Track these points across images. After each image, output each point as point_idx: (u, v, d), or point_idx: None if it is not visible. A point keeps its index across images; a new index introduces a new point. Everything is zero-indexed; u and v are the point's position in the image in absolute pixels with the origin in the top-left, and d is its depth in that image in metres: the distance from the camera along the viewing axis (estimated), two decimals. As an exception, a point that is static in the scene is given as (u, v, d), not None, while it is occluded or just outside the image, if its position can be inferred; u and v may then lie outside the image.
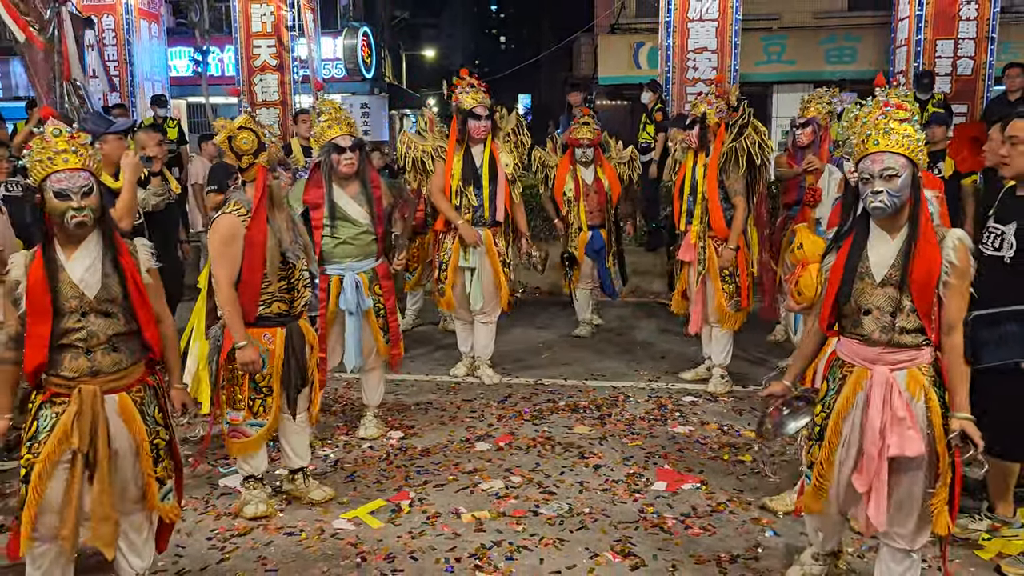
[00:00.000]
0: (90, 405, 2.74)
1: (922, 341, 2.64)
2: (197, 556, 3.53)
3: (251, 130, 3.64)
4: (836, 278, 2.73)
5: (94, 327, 2.76)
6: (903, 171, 2.58)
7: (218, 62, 17.41)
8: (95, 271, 2.78)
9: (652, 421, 5.04)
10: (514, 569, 3.37)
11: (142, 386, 2.90)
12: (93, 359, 2.76)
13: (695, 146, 5.37)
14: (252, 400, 3.71)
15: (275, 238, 3.63)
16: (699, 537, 3.62)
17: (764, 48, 15.60)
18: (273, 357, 3.70)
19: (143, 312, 2.85)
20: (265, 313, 3.68)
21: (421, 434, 4.88)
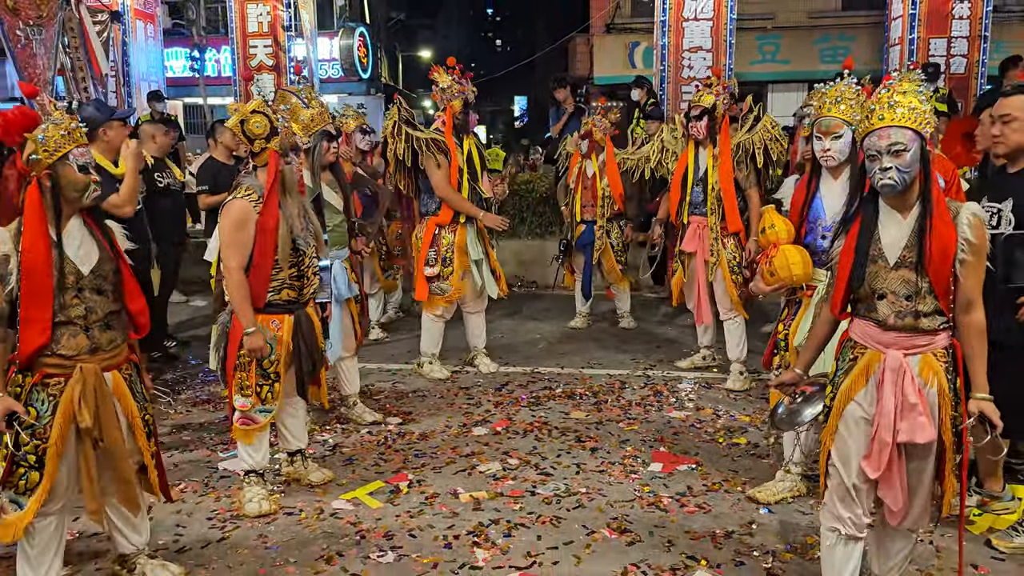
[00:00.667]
0: (93, 382, 2.78)
1: (939, 325, 2.54)
2: (198, 535, 3.56)
3: (264, 114, 3.59)
4: (847, 261, 2.62)
5: (92, 303, 2.79)
6: (911, 145, 2.46)
7: (214, 62, 17.46)
8: (89, 248, 2.82)
9: (648, 407, 5.08)
10: (512, 545, 3.41)
11: (129, 363, 2.96)
12: (92, 336, 2.79)
13: (702, 137, 5.31)
14: (260, 387, 3.67)
15: (287, 224, 3.59)
16: (694, 515, 3.67)
17: (759, 47, 15.71)
18: (280, 344, 3.67)
19: (131, 287, 2.92)
20: (274, 300, 3.65)
21: (419, 420, 4.92)
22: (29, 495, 2.74)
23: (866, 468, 2.61)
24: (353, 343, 4.82)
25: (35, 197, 2.72)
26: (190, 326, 7.39)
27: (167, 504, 3.83)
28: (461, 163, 5.44)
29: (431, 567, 3.25)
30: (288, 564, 3.29)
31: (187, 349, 6.57)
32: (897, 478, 2.59)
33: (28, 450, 2.72)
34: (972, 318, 2.54)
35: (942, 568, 3.20)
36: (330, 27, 18.65)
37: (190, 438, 4.69)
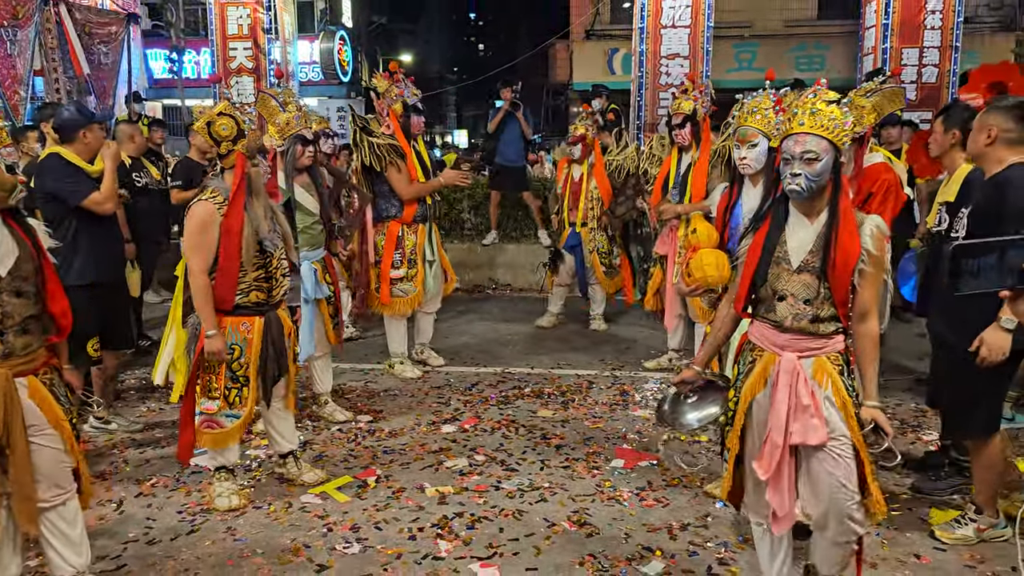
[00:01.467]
0: (3, 389, 2.63)
1: (834, 330, 2.58)
2: (167, 528, 3.63)
3: (231, 116, 3.60)
4: (753, 260, 2.65)
5: (9, 307, 2.65)
6: (824, 155, 2.50)
7: (194, 64, 17.45)
8: (8, 248, 2.68)
9: (614, 406, 5.20)
10: (474, 537, 3.51)
11: (48, 367, 2.82)
12: (6, 341, 2.65)
13: (687, 143, 5.41)
14: (228, 390, 3.67)
15: (251, 226, 3.59)
16: (652, 508, 3.78)
17: (735, 55, 15.92)
18: (251, 347, 3.68)
19: (53, 288, 2.80)
20: (243, 302, 3.65)
21: (389, 418, 5.00)
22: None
23: (756, 469, 2.65)
24: (326, 343, 4.90)
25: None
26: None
27: (138, 498, 3.93)
28: (415, 164, 5.55)
29: (395, 558, 3.34)
30: (256, 555, 3.37)
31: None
32: (785, 482, 2.61)
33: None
34: (867, 327, 2.60)
35: (887, 558, 3.33)
36: (311, 30, 18.69)
37: (162, 435, 4.76)
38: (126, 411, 5.08)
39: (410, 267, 5.63)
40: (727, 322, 2.86)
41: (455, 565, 3.29)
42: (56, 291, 2.81)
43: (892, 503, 3.79)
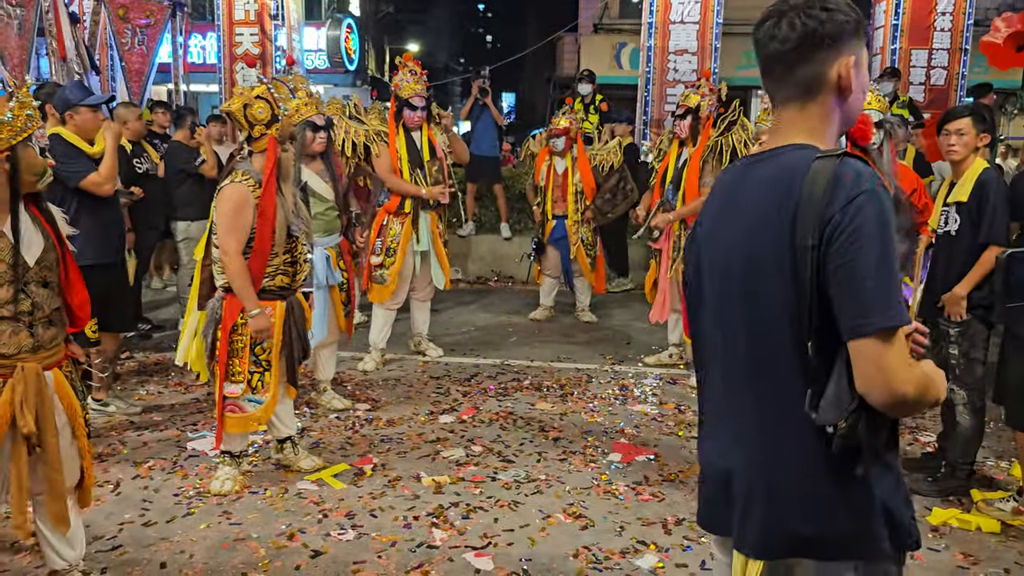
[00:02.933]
0: (35, 383, 2.61)
1: None
2: (163, 510, 3.64)
3: (267, 100, 3.62)
4: None
5: (37, 298, 2.63)
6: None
7: (199, 49, 17.40)
8: (34, 237, 2.65)
9: (613, 400, 5.20)
10: (469, 527, 3.51)
11: (68, 360, 2.82)
12: (36, 334, 2.63)
13: (685, 136, 5.45)
14: (251, 374, 3.69)
15: (283, 210, 3.65)
16: (648, 502, 3.79)
17: (744, 52, 15.86)
18: (273, 331, 3.71)
19: (74, 277, 2.76)
20: (268, 286, 3.68)
21: (387, 407, 5.01)
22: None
23: None
24: (336, 331, 4.90)
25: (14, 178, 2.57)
26: (162, 308, 7.43)
27: (135, 480, 3.94)
28: (402, 153, 5.53)
29: (390, 545, 3.35)
30: (251, 539, 3.38)
31: (160, 331, 6.63)
32: None
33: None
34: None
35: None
36: (318, 17, 18.64)
37: (160, 419, 4.76)
38: (125, 394, 5.08)
39: (387, 256, 5.62)
40: None
41: (449, 554, 3.29)
42: (76, 281, 2.78)
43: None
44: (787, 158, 1.52)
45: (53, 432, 2.66)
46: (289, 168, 3.72)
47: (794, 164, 1.48)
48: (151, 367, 5.75)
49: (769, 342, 1.51)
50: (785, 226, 1.44)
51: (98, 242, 4.46)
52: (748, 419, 1.57)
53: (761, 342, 1.52)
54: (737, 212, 1.57)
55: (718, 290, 1.62)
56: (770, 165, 1.54)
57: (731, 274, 1.57)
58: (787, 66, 1.52)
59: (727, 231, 1.58)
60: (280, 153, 3.64)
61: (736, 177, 1.65)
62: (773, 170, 1.53)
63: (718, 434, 1.66)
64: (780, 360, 1.49)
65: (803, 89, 1.53)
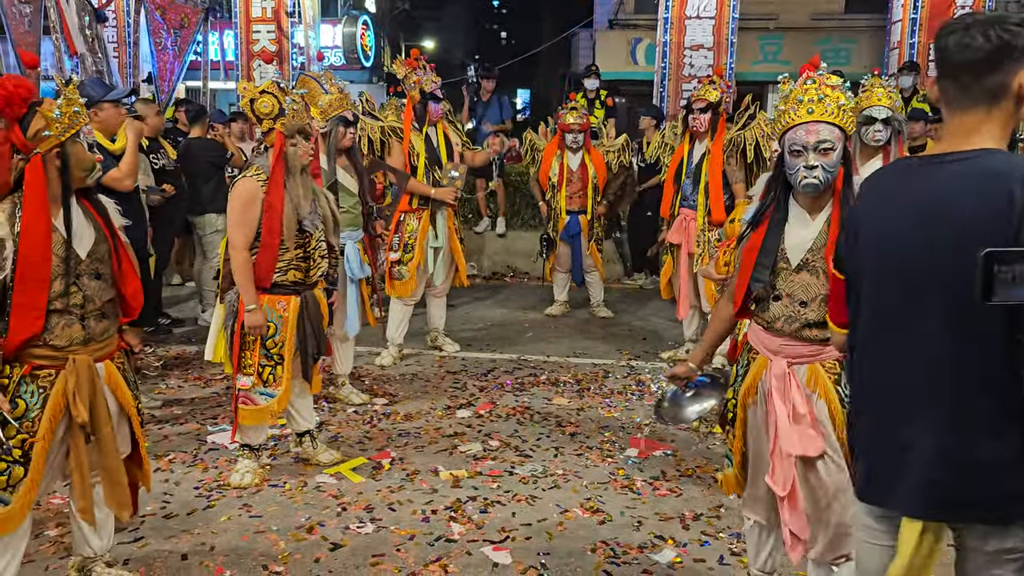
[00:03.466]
0: (87, 375, 2.65)
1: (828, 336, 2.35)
2: (184, 503, 3.68)
3: (272, 94, 3.66)
4: (749, 261, 2.52)
5: (89, 291, 2.66)
6: (838, 144, 2.39)
7: (217, 47, 17.48)
8: (83, 229, 2.69)
9: (630, 396, 5.20)
10: (487, 521, 3.53)
11: (121, 351, 2.86)
12: (87, 326, 2.67)
13: (704, 130, 5.44)
14: (262, 367, 3.71)
15: (292, 204, 3.66)
16: (665, 497, 3.78)
17: (761, 47, 15.79)
18: (286, 325, 3.73)
19: (127, 268, 2.80)
20: (280, 281, 3.70)
21: (404, 401, 5.03)
22: (12, 491, 2.57)
23: (773, 486, 2.52)
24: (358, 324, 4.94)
25: (38, 175, 2.55)
26: (182, 303, 7.49)
27: (156, 472, 3.96)
28: (419, 149, 5.54)
29: (408, 539, 3.37)
30: (271, 532, 3.41)
31: (181, 326, 6.69)
32: (800, 499, 2.49)
33: (14, 444, 2.57)
34: None
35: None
36: (334, 14, 18.69)
37: (181, 412, 4.81)
38: (146, 388, 5.13)
39: (405, 252, 5.64)
40: (724, 322, 2.73)
41: (468, 547, 3.31)
42: (129, 272, 2.81)
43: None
44: (991, 161, 1.65)
45: (107, 421, 2.72)
46: (297, 162, 3.71)
47: (1003, 168, 1.63)
48: (171, 361, 5.80)
49: (973, 324, 1.64)
50: (1011, 222, 1.57)
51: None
52: (942, 394, 1.70)
53: (964, 325, 1.65)
54: (930, 209, 1.68)
55: (903, 283, 1.73)
56: (970, 166, 1.66)
57: (927, 269, 1.69)
58: (976, 74, 1.67)
59: (920, 229, 1.69)
60: (287, 147, 3.66)
61: (910, 176, 1.76)
62: (977, 171, 1.65)
63: (891, 408, 1.78)
64: (984, 342, 1.64)
65: (989, 96, 1.67)
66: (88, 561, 2.96)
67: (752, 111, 5.46)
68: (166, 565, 3.17)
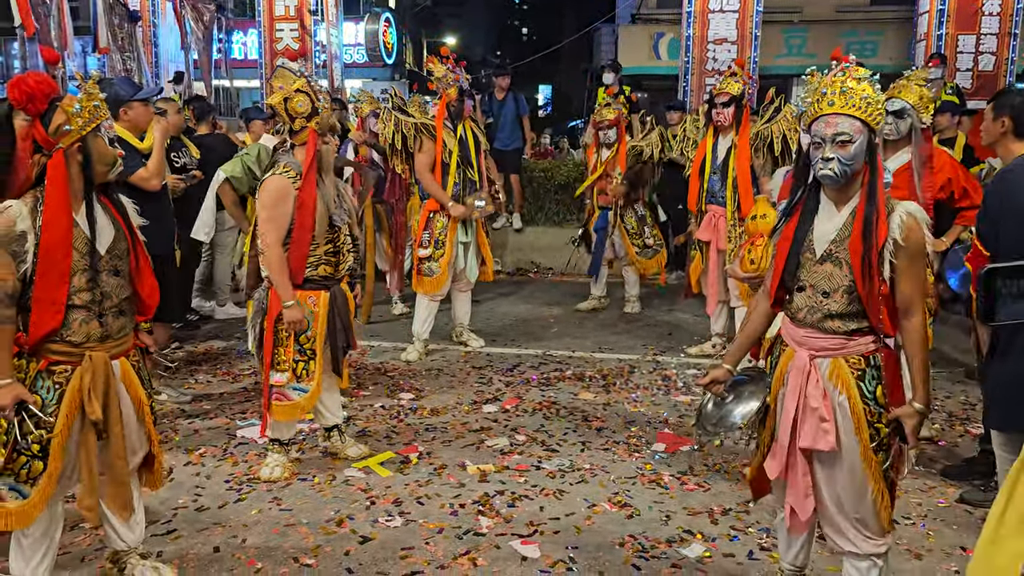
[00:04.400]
0: (103, 372, 2.66)
1: (855, 329, 2.43)
2: (215, 496, 3.72)
3: (307, 93, 3.69)
4: (783, 251, 2.53)
5: (107, 287, 2.68)
6: (857, 136, 2.37)
7: (241, 45, 17.61)
8: (105, 226, 2.71)
9: (656, 391, 5.18)
10: (515, 515, 3.54)
11: (136, 349, 2.86)
12: (105, 323, 2.68)
13: (728, 124, 5.42)
14: (295, 363, 3.75)
15: (323, 201, 3.71)
16: (693, 492, 3.77)
17: (785, 40, 15.64)
18: (317, 320, 3.77)
19: (144, 266, 2.80)
20: (311, 276, 3.75)
21: (431, 396, 5.05)
22: (31, 484, 2.61)
23: (767, 468, 2.58)
24: None
25: (60, 170, 2.57)
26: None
27: (187, 466, 4.02)
28: (452, 147, 5.57)
29: (436, 532, 3.39)
30: (301, 525, 3.44)
31: (208, 322, 6.76)
32: (801, 485, 2.52)
33: (33, 439, 2.60)
34: (910, 323, 2.43)
35: (932, 549, 3.28)
36: (356, 12, 18.77)
37: (210, 407, 4.86)
38: (175, 382, 5.19)
39: (436, 248, 5.67)
40: (759, 317, 2.72)
41: (496, 541, 3.32)
42: (145, 270, 2.82)
43: (939, 496, 3.74)
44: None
45: (117, 420, 2.72)
46: (330, 160, 3.78)
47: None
48: (200, 357, 5.87)
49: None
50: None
51: (149, 235, 4.52)
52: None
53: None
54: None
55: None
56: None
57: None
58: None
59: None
60: (320, 145, 3.70)
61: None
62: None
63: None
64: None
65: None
66: (122, 554, 2.99)
67: (778, 103, 5.43)
68: (199, 557, 3.21)
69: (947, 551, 3.28)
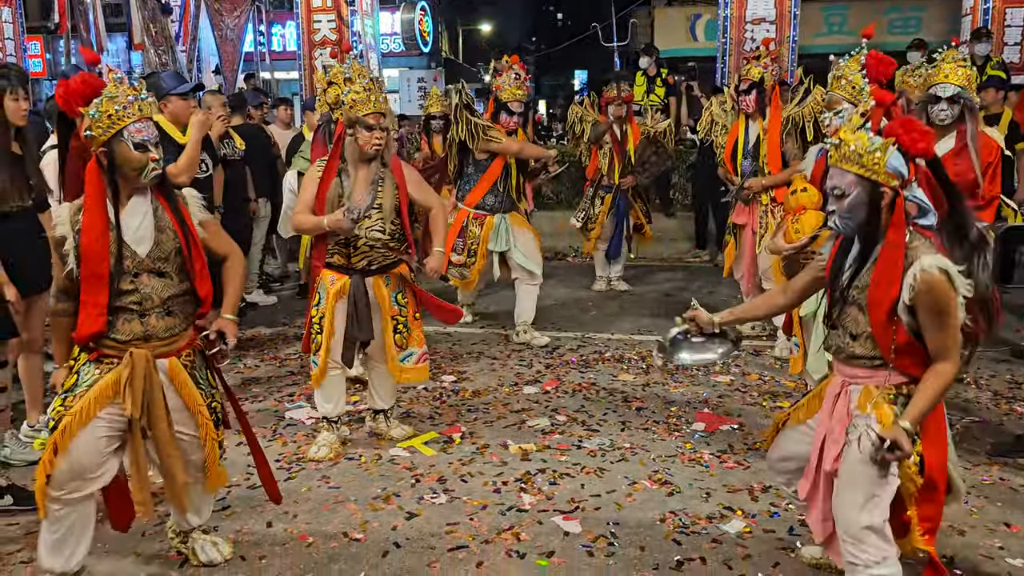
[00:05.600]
0: (142, 369, 2.65)
1: (878, 365, 2.40)
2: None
3: (336, 84, 3.83)
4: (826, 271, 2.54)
5: (148, 289, 2.68)
6: (851, 189, 2.29)
7: (280, 37, 17.82)
8: (147, 227, 2.69)
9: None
10: (556, 492, 3.61)
11: (192, 350, 2.84)
12: (147, 323, 2.69)
13: (751, 110, 5.37)
14: (313, 333, 3.91)
15: (335, 190, 3.77)
16: (733, 470, 3.81)
17: (825, 18, 15.39)
18: (328, 298, 3.85)
19: (199, 265, 2.76)
20: (329, 261, 3.89)
21: (472, 378, 5.14)
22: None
23: (799, 487, 2.68)
24: None
25: (95, 175, 2.60)
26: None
27: (239, 446, 4.14)
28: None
29: (480, 508, 3.47)
30: (349, 501, 3.56)
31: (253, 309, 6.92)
32: (821, 508, 2.59)
33: (51, 415, 2.65)
34: (938, 367, 2.31)
35: (975, 526, 3.28)
36: (391, 1, 18.87)
37: (259, 390, 5.00)
38: (225, 367, 5.31)
39: (469, 256, 5.70)
40: (769, 306, 2.81)
41: (538, 517, 3.39)
42: (203, 271, 2.77)
43: (984, 473, 3.73)
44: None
45: (162, 417, 2.71)
46: (354, 151, 3.76)
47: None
48: (247, 342, 6.02)
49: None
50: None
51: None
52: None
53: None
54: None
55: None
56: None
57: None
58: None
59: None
60: (346, 136, 3.76)
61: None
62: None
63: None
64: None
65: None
66: (187, 531, 3.09)
67: (807, 85, 5.31)
68: (253, 532, 3.34)
69: (991, 527, 3.28)
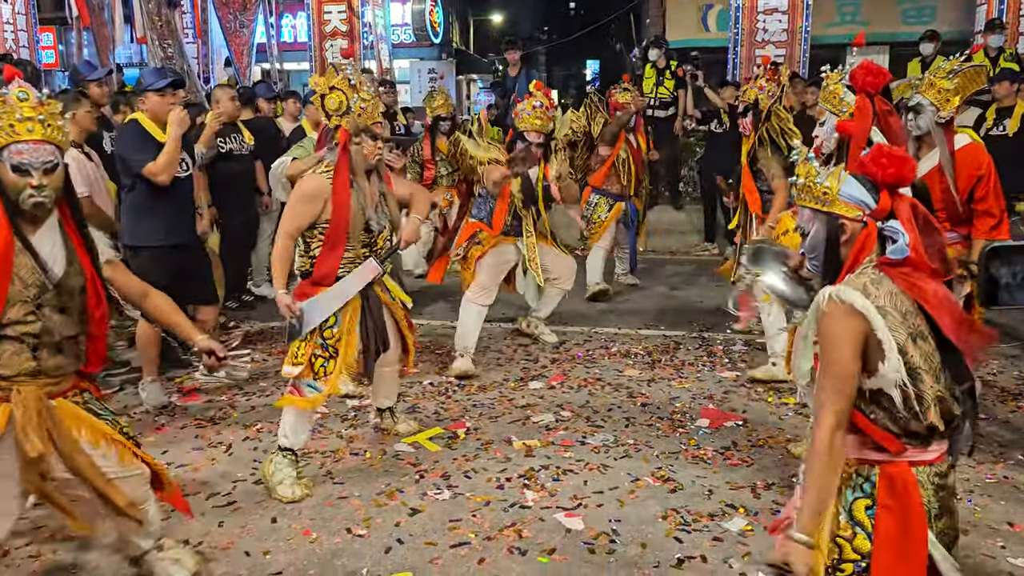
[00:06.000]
0: (35, 408, 2.47)
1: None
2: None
3: (341, 91, 3.61)
4: None
5: (50, 323, 2.50)
6: (809, 226, 2.10)
7: (290, 28, 17.83)
8: (57, 258, 2.52)
9: (701, 367, 5.21)
10: (559, 489, 3.62)
11: (77, 390, 2.66)
12: (39, 358, 2.50)
13: (748, 132, 4.99)
14: (315, 357, 3.60)
15: (357, 203, 3.62)
16: (737, 467, 3.81)
17: (837, 8, 15.23)
18: (346, 318, 3.65)
19: (98, 311, 2.60)
20: (343, 276, 3.64)
21: (479, 373, 5.15)
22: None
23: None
24: None
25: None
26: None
27: (245, 441, 4.20)
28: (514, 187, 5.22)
29: (483, 504, 3.49)
30: (353, 497, 3.58)
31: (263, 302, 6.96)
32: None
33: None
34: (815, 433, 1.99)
35: (978, 525, 3.28)
36: (403, -8, 18.83)
37: (266, 384, 5.03)
38: (247, 362, 5.35)
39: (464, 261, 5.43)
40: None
41: (541, 514, 3.41)
42: (101, 314, 2.61)
43: (988, 472, 3.72)
44: None
45: (76, 447, 2.55)
46: (360, 162, 3.64)
47: None
48: (255, 336, 6.06)
49: None
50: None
51: (168, 225, 4.58)
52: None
53: None
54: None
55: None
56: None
57: None
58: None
59: None
60: (351, 146, 3.60)
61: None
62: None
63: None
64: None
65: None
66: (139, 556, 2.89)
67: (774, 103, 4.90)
68: (258, 527, 3.37)
69: (993, 526, 3.27)
